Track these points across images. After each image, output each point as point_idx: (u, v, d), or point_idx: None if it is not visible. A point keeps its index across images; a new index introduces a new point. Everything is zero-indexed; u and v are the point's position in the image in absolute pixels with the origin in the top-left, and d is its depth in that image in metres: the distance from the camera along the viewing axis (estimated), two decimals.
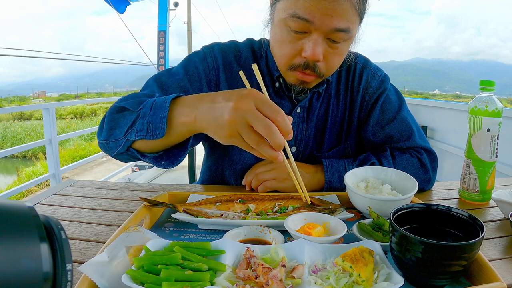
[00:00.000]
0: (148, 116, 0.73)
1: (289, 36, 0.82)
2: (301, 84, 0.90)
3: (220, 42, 1.05)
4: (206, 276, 0.50)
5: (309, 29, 0.79)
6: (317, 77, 0.87)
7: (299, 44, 0.82)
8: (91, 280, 0.49)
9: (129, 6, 5.58)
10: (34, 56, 5.49)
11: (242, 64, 1.00)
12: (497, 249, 0.67)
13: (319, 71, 0.85)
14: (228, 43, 1.05)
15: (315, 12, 0.76)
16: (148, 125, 0.73)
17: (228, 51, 1.01)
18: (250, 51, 1.02)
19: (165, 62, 7.25)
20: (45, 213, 0.31)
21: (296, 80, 0.89)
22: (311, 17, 0.77)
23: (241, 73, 0.70)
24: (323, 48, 0.81)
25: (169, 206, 0.76)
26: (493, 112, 0.85)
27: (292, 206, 0.79)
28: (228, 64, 1.00)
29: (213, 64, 0.98)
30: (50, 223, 0.30)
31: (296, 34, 0.81)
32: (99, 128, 0.86)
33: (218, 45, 1.02)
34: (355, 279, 0.50)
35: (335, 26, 0.78)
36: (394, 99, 1.03)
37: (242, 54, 1.01)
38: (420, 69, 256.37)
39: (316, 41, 0.80)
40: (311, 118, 1.01)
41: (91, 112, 28.68)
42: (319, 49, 0.80)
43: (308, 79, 0.87)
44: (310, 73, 0.85)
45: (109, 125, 0.82)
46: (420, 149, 1.00)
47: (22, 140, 17.28)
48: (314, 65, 0.84)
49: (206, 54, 1.00)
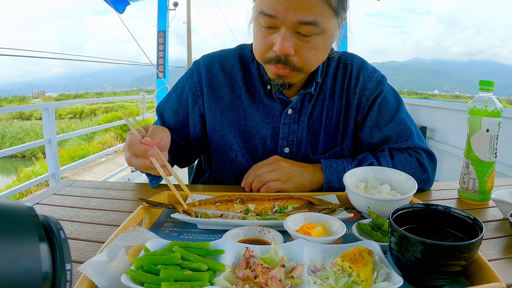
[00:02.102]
0: None
1: (261, 31, 0.86)
2: (279, 78, 0.91)
3: (209, 53, 1.10)
4: (205, 276, 0.50)
5: (276, 24, 0.82)
6: (292, 70, 0.88)
7: (270, 39, 0.85)
8: (90, 280, 0.49)
9: (128, 6, 5.57)
10: (34, 56, 5.49)
11: (228, 72, 1.05)
12: (496, 249, 0.67)
13: (292, 65, 0.86)
14: (215, 52, 1.09)
15: (278, 7, 0.79)
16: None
17: (214, 62, 1.06)
18: (237, 57, 1.05)
19: (165, 62, 7.24)
20: (44, 213, 0.31)
21: (273, 74, 0.91)
22: (275, 13, 0.80)
23: (124, 115, 0.80)
24: (293, 42, 0.83)
25: (169, 206, 0.76)
26: (493, 112, 0.85)
27: (292, 206, 0.79)
28: (215, 75, 1.04)
29: (198, 80, 1.05)
30: (49, 223, 0.30)
31: (267, 30, 0.85)
32: None
33: (204, 59, 1.08)
34: (355, 279, 0.50)
35: (299, 19, 0.80)
36: (392, 100, 1.03)
37: (228, 61, 1.05)
38: (419, 69, 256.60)
39: (284, 36, 0.82)
40: (303, 119, 1.01)
41: (90, 112, 28.64)
42: (287, 43, 0.82)
43: (283, 72, 0.89)
44: (282, 67, 0.87)
45: None
46: (419, 149, 1.00)
47: (22, 140, 17.26)
48: (286, 59, 0.85)
49: (192, 72, 1.07)
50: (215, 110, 1.04)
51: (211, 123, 1.04)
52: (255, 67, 1.03)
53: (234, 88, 1.03)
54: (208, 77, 1.04)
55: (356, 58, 1.05)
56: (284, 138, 1.02)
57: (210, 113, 1.04)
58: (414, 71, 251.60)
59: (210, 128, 1.05)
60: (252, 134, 1.03)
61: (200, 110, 1.05)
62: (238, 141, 1.04)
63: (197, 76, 1.05)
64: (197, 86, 1.05)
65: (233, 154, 1.04)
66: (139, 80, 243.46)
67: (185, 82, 1.07)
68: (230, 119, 1.03)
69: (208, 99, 1.04)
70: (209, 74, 1.04)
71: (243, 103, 1.03)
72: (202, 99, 1.05)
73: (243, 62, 1.05)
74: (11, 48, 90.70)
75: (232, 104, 1.03)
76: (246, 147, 1.04)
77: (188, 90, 1.06)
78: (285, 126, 1.01)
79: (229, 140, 1.04)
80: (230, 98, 1.03)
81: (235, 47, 1.09)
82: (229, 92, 1.03)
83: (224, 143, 1.04)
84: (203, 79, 1.04)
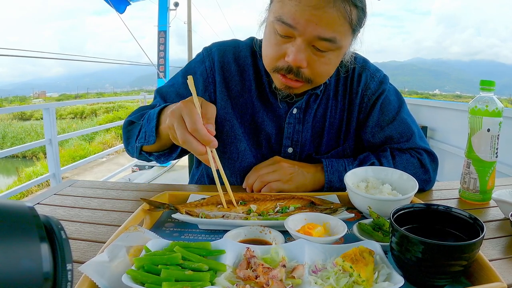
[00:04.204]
0: (145, 126, 0.91)
1: (275, 38, 0.83)
2: (287, 89, 0.89)
3: (220, 41, 1.06)
4: (206, 276, 0.50)
5: (293, 34, 0.79)
6: (304, 83, 0.86)
7: (283, 48, 0.82)
8: (91, 280, 0.49)
9: (129, 6, 5.58)
10: (34, 56, 5.49)
11: (240, 63, 1.01)
12: (497, 249, 0.67)
13: (303, 77, 0.84)
14: (228, 41, 1.05)
15: (299, 18, 0.76)
16: (145, 133, 0.91)
17: (227, 50, 1.02)
18: (250, 50, 1.02)
19: (165, 62, 7.25)
20: (45, 213, 0.31)
21: (280, 84, 0.88)
22: (295, 23, 0.77)
23: (190, 79, 0.77)
24: (306, 55, 0.80)
25: (171, 207, 0.76)
26: (494, 112, 0.85)
27: (294, 206, 0.79)
28: (227, 64, 1.01)
29: (211, 66, 1.01)
30: (50, 223, 0.30)
31: (282, 38, 0.81)
32: (123, 140, 1.05)
33: (216, 46, 1.03)
34: (355, 279, 0.50)
35: (318, 34, 0.77)
36: (394, 100, 1.02)
37: (241, 53, 1.02)
38: (420, 69, 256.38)
39: (299, 47, 0.79)
40: (308, 119, 1.00)
41: (91, 112, 28.67)
42: (301, 55, 0.79)
43: (292, 84, 0.86)
44: (292, 78, 0.84)
45: (125, 136, 1.02)
46: (420, 149, 1.00)
47: (22, 140, 17.28)
48: (298, 71, 0.83)
49: (204, 57, 1.02)
50: (226, 99, 1.00)
51: (222, 112, 1.00)
52: (262, 64, 0.99)
53: (244, 80, 1.01)
54: (221, 65, 1.01)
55: (359, 57, 1.04)
56: (288, 138, 1.01)
57: (222, 102, 1.00)
58: (415, 71, 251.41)
59: (221, 117, 1.01)
60: (258, 129, 1.01)
61: (211, 97, 1.01)
62: (246, 134, 1.01)
63: (210, 62, 1.01)
64: (209, 73, 1.01)
65: (241, 147, 1.00)
66: (140, 80, 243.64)
67: (196, 68, 1.02)
68: (238, 110, 1.01)
69: (220, 87, 1.00)
70: (221, 62, 1.01)
71: (252, 97, 1.00)
72: (214, 86, 1.01)
73: (254, 56, 1.02)
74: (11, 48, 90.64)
75: (241, 97, 1.01)
76: (253, 141, 1.02)
77: (199, 76, 1.01)
78: (289, 125, 1.00)
79: (238, 131, 1.01)
80: (239, 89, 1.01)
81: (246, 40, 1.06)
82: (239, 83, 1.01)
83: (233, 134, 1.01)
84: (215, 66, 1.00)
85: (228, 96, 1.01)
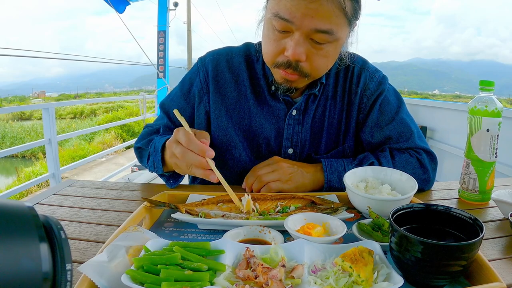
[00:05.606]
0: (152, 156, 0.97)
1: (273, 34, 0.85)
2: (286, 82, 0.91)
3: (214, 50, 1.09)
4: (205, 276, 0.50)
5: (291, 29, 0.81)
6: (301, 76, 0.88)
7: (282, 43, 0.84)
8: (90, 280, 0.49)
9: (128, 6, 5.57)
10: (34, 56, 5.48)
11: (234, 70, 1.04)
12: (496, 249, 0.67)
13: (302, 70, 0.86)
14: (221, 49, 1.08)
15: (295, 12, 0.78)
16: (153, 163, 0.98)
17: (220, 59, 1.05)
18: (243, 56, 1.04)
19: (165, 62, 7.24)
20: (44, 213, 0.31)
21: (281, 78, 0.90)
22: (291, 17, 0.79)
23: (176, 112, 0.85)
24: (305, 48, 0.82)
25: (171, 206, 0.76)
26: (493, 112, 0.85)
27: (294, 206, 0.79)
28: (220, 73, 1.03)
29: (205, 77, 1.04)
30: (49, 223, 0.30)
31: (280, 33, 0.83)
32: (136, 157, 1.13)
33: (210, 55, 1.06)
34: (355, 279, 0.50)
35: (315, 27, 0.79)
36: (393, 100, 1.03)
37: (234, 59, 1.04)
38: (419, 69, 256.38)
39: (298, 41, 0.81)
40: (307, 120, 1.01)
41: (91, 112, 28.65)
42: (299, 49, 0.81)
43: (291, 77, 0.88)
44: (292, 72, 0.86)
45: (137, 156, 1.10)
46: (419, 149, 1.00)
47: (22, 140, 17.26)
48: (297, 65, 0.85)
49: (198, 68, 1.06)
50: (221, 108, 1.03)
51: (216, 121, 1.04)
52: (260, 67, 1.02)
53: (239, 86, 1.03)
54: (214, 74, 1.03)
55: (358, 58, 1.05)
56: (288, 139, 1.02)
57: (216, 111, 1.03)
58: (414, 71, 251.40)
59: (215, 126, 1.04)
60: (256, 134, 1.03)
61: (206, 107, 1.04)
62: (242, 140, 1.03)
63: (204, 73, 1.04)
64: (203, 84, 1.04)
65: (237, 153, 1.03)
66: (140, 80, 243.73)
67: (192, 79, 1.06)
68: (235, 117, 1.03)
69: (214, 97, 1.03)
70: (215, 71, 1.03)
71: (248, 102, 1.02)
72: (208, 97, 1.04)
73: (248, 61, 1.04)
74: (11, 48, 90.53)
75: (237, 103, 1.03)
76: (250, 147, 1.04)
77: (195, 88, 1.05)
78: (289, 127, 1.01)
79: (233, 139, 1.03)
80: (235, 96, 1.03)
81: (240, 45, 1.08)
82: (234, 90, 1.03)
83: (228, 141, 1.03)
84: (209, 76, 1.03)
85: (223, 105, 1.03)
